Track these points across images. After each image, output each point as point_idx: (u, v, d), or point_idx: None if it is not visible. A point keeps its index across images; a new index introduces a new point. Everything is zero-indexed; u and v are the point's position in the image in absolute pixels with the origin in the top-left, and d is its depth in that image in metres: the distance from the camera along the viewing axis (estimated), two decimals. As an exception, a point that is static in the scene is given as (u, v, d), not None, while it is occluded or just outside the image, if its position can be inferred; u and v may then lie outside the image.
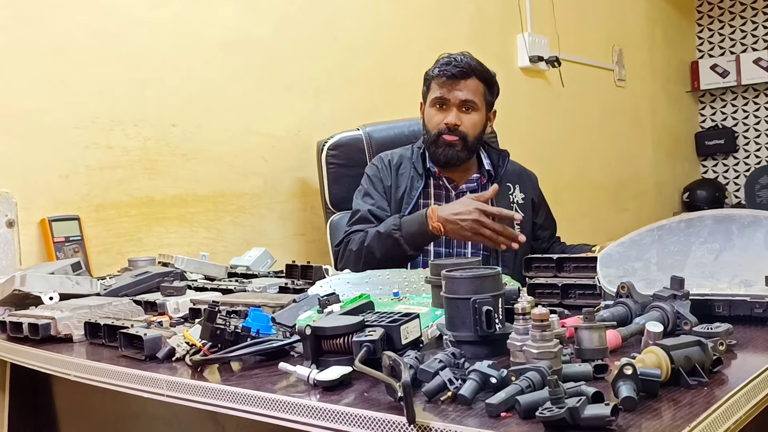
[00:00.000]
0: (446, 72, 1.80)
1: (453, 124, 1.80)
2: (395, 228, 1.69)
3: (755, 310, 0.96)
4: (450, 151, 1.81)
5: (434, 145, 1.82)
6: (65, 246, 1.69)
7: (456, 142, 1.80)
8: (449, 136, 1.80)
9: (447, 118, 1.80)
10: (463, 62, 1.81)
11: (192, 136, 2.00)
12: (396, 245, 1.69)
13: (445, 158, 1.82)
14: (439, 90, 1.82)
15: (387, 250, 1.70)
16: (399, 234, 1.68)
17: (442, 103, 1.82)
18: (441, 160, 1.83)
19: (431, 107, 1.84)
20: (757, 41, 4.82)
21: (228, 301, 1.16)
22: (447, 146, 1.81)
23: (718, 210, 1.14)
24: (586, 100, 3.75)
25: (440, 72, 1.81)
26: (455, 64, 1.80)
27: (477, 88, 1.82)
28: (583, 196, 3.68)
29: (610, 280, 1.07)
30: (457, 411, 0.68)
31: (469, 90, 1.81)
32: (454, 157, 1.82)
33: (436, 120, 1.82)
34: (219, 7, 2.09)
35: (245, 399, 0.81)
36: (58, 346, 1.13)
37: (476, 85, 1.82)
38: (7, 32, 1.66)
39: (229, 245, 2.05)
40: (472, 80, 1.81)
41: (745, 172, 4.89)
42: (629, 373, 0.66)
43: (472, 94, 1.81)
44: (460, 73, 1.80)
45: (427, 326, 0.95)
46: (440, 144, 1.81)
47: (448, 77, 1.80)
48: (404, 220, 1.71)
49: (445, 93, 1.81)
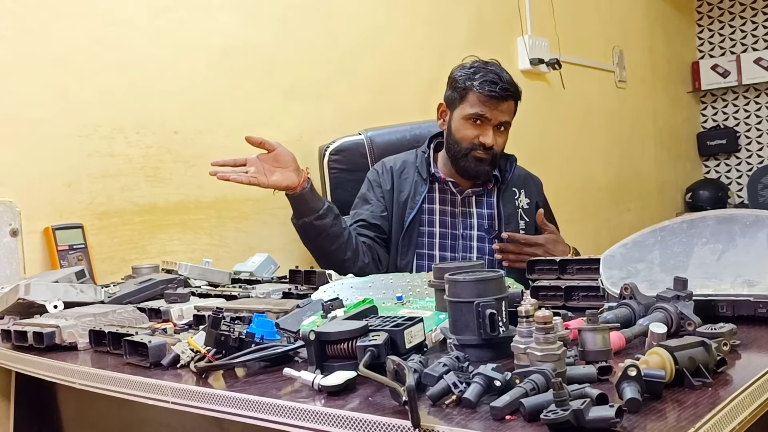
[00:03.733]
0: (493, 93, 1.76)
1: (490, 145, 1.79)
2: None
3: (759, 310, 0.96)
4: (481, 168, 1.82)
5: (464, 159, 1.81)
6: (69, 254, 1.69)
7: (487, 158, 1.81)
8: (482, 153, 1.80)
9: (483, 138, 1.78)
10: (506, 82, 1.78)
11: (194, 143, 2.00)
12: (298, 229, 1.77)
13: (476, 174, 1.83)
14: (480, 107, 1.78)
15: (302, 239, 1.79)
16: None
17: (479, 120, 1.79)
18: (471, 174, 1.83)
19: (465, 120, 1.80)
20: (757, 41, 4.82)
21: (232, 307, 1.16)
22: (477, 162, 1.81)
23: (720, 210, 1.14)
24: (587, 101, 3.75)
25: (484, 90, 1.76)
26: (502, 86, 1.77)
27: (512, 108, 1.83)
28: (586, 197, 3.68)
29: (613, 281, 1.07)
30: (461, 414, 0.68)
31: (508, 111, 1.81)
32: (483, 173, 1.83)
33: (470, 135, 1.79)
34: (219, 14, 2.09)
35: (250, 405, 0.81)
36: (62, 355, 1.13)
37: (512, 105, 1.83)
38: (10, 42, 1.66)
39: (232, 251, 2.05)
40: (510, 102, 1.81)
41: (747, 171, 4.89)
42: (633, 375, 0.66)
43: (509, 114, 1.82)
44: (505, 96, 1.78)
45: (430, 330, 0.95)
46: (470, 159, 1.81)
47: (491, 97, 1.77)
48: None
49: (486, 112, 1.77)
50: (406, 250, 1.85)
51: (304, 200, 1.71)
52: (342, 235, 1.76)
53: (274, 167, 1.68)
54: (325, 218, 1.73)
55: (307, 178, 1.72)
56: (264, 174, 1.66)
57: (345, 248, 1.76)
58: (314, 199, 1.74)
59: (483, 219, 1.88)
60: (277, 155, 1.68)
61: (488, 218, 1.88)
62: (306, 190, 1.71)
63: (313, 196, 1.74)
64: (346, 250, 1.76)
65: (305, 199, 1.72)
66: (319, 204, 1.74)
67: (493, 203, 1.89)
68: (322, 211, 1.73)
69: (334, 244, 1.75)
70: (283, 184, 1.68)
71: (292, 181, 1.68)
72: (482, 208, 1.89)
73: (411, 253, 1.85)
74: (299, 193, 1.70)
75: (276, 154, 1.68)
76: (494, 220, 1.88)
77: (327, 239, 1.75)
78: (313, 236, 1.75)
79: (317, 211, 1.72)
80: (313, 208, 1.72)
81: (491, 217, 1.88)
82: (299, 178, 1.70)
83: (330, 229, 1.74)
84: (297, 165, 1.71)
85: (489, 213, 1.89)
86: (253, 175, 1.65)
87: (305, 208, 1.72)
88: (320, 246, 1.77)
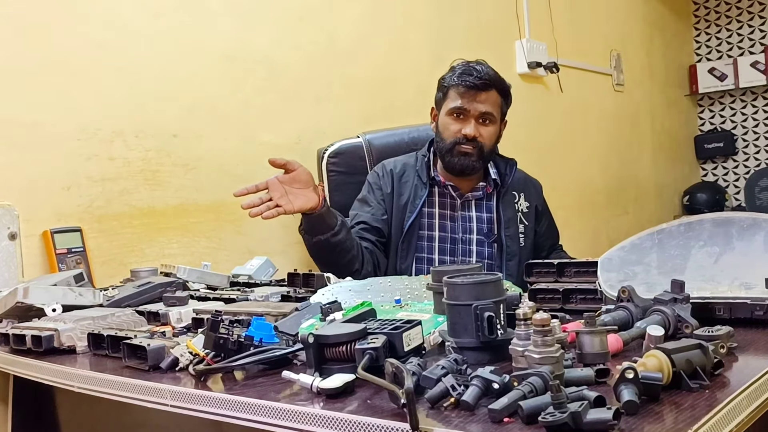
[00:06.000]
0: (467, 83, 1.77)
1: (472, 135, 1.78)
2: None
3: (756, 313, 0.96)
4: (466, 161, 1.80)
5: (449, 154, 1.81)
6: (68, 257, 1.69)
7: (472, 152, 1.80)
8: (466, 146, 1.79)
9: (465, 129, 1.79)
10: (484, 73, 1.78)
11: (193, 146, 2.00)
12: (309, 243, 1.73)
13: (461, 167, 1.81)
14: (459, 100, 1.79)
15: (312, 253, 1.75)
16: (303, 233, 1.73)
17: (460, 113, 1.80)
18: (456, 169, 1.82)
19: (448, 116, 1.81)
20: (754, 44, 4.84)
21: (230, 310, 1.16)
22: (463, 155, 1.80)
23: (717, 213, 1.14)
24: (585, 105, 3.76)
25: (461, 81, 1.78)
26: (477, 75, 1.77)
27: (495, 101, 1.82)
28: (584, 200, 3.69)
29: (610, 284, 1.07)
30: (460, 417, 0.69)
31: (489, 102, 1.80)
32: (469, 167, 1.82)
33: (453, 129, 1.80)
34: (218, 18, 2.10)
35: (249, 408, 0.81)
36: (61, 358, 1.13)
37: (495, 97, 1.81)
38: (9, 45, 1.66)
39: (230, 254, 2.05)
40: (492, 92, 1.80)
41: (744, 174, 4.90)
42: (631, 377, 0.66)
43: (491, 106, 1.80)
44: (481, 85, 1.78)
45: (429, 333, 0.96)
46: (455, 153, 1.80)
47: (468, 88, 1.77)
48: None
49: (464, 104, 1.78)
50: (405, 254, 1.85)
51: (321, 219, 1.67)
52: (353, 248, 1.74)
53: (295, 189, 1.63)
54: (340, 234, 1.70)
55: (324, 197, 1.69)
56: (288, 200, 1.61)
57: (354, 261, 1.74)
58: (330, 216, 1.69)
59: (482, 223, 1.88)
60: (297, 175, 1.63)
61: (488, 222, 1.88)
62: (324, 209, 1.67)
63: (329, 213, 1.69)
64: (355, 262, 1.74)
65: (323, 218, 1.67)
66: (334, 220, 1.69)
67: (492, 207, 1.89)
68: (337, 227, 1.69)
69: (346, 257, 1.73)
70: (308, 207, 1.63)
71: (315, 203, 1.64)
72: (482, 212, 1.89)
73: (410, 257, 1.85)
74: (318, 213, 1.66)
75: (296, 173, 1.63)
76: (494, 224, 1.88)
77: (340, 254, 1.72)
78: (327, 252, 1.71)
79: (332, 228, 1.68)
80: (329, 225, 1.68)
81: (491, 221, 1.88)
82: (318, 196, 1.66)
83: (344, 244, 1.71)
84: (314, 182, 1.67)
85: (488, 217, 1.89)
86: (280, 203, 1.60)
87: (322, 227, 1.68)
88: (332, 261, 1.72)
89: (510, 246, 1.86)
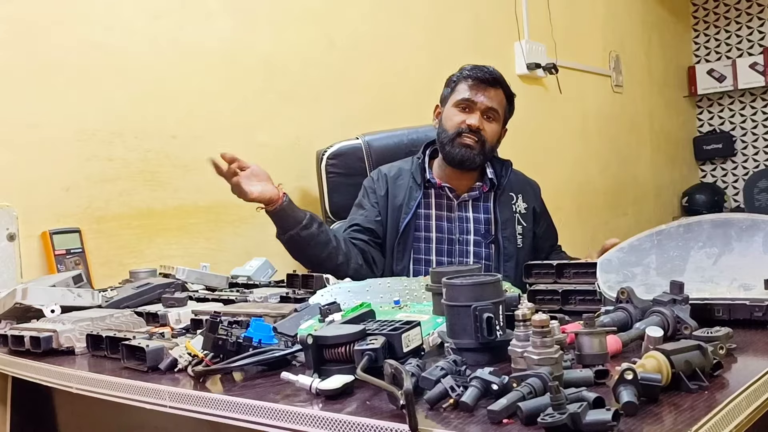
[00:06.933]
0: (477, 75, 1.82)
1: (476, 126, 1.80)
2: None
3: (755, 314, 0.96)
4: (467, 152, 1.81)
5: (450, 144, 1.82)
6: (66, 258, 1.69)
7: (474, 145, 1.81)
8: (469, 137, 1.81)
9: (470, 120, 1.81)
10: (494, 71, 1.84)
11: (192, 147, 2.00)
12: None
13: (461, 158, 1.82)
14: (467, 92, 1.82)
15: (291, 252, 1.77)
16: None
17: (466, 106, 1.83)
18: (456, 160, 1.82)
19: (454, 107, 1.84)
20: (752, 46, 4.84)
21: (229, 311, 1.16)
22: (464, 147, 1.81)
23: (716, 214, 1.15)
24: (584, 106, 3.76)
25: (470, 75, 1.83)
26: (488, 71, 1.83)
27: (501, 100, 1.85)
28: (582, 201, 3.69)
29: (610, 285, 1.07)
30: (459, 418, 0.69)
31: (495, 99, 1.84)
32: (469, 158, 1.82)
33: (457, 120, 1.82)
34: (217, 19, 2.10)
35: (248, 409, 0.81)
36: (60, 359, 1.13)
37: (501, 96, 1.85)
38: (8, 46, 1.66)
39: (229, 255, 2.05)
40: (499, 90, 1.84)
41: (743, 175, 4.90)
42: (630, 378, 0.66)
43: (497, 103, 1.84)
44: (491, 80, 1.82)
45: (428, 334, 0.95)
46: (457, 144, 1.81)
47: (479, 81, 1.82)
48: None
49: (472, 95, 1.82)
50: (401, 255, 1.84)
51: (285, 213, 1.70)
52: (330, 241, 1.75)
53: (254, 181, 1.67)
54: (311, 227, 1.72)
55: (284, 193, 1.71)
56: (248, 184, 1.64)
57: (336, 253, 1.75)
58: (295, 211, 1.72)
59: (479, 224, 1.88)
60: (254, 170, 1.67)
61: (485, 223, 1.88)
62: (286, 203, 1.69)
63: (293, 208, 1.72)
64: (338, 255, 1.75)
65: (287, 213, 1.70)
66: (301, 215, 1.72)
67: (489, 208, 1.89)
68: (305, 221, 1.71)
69: (324, 251, 1.74)
70: (266, 195, 1.66)
71: (274, 194, 1.67)
72: (479, 212, 1.89)
73: (407, 259, 1.85)
74: (280, 207, 1.68)
75: (253, 169, 1.67)
76: (491, 224, 1.88)
77: (316, 248, 1.73)
78: (302, 247, 1.73)
79: (301, 222, 1.71)
80: (296, 219, 1.71)
81: (488, 221, 1.88)
82: (277, 189, 1.69)
83: (317, 237, 1.72)
84: (272, 182, 1.70)
85: (485, 218, 1.89)
86: (239, 178, 1.64)
87: (289, 222, 1.70)
88: (311, 256, 1.75)
89: (507, 247, 1.86)
